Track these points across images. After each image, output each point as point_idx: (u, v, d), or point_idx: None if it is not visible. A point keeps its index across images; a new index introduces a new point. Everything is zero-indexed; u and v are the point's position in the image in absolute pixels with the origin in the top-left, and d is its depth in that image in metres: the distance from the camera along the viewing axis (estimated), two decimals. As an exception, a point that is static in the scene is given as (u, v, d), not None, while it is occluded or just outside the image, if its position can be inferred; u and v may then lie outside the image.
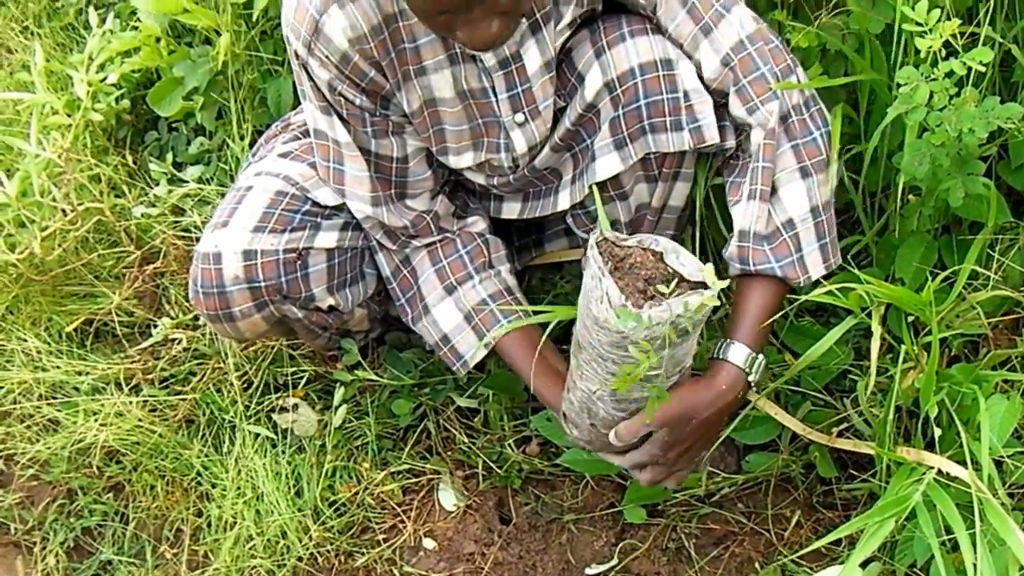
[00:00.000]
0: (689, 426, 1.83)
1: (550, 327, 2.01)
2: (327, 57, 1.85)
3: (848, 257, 2.17)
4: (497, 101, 1.95)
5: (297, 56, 1.88)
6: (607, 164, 1.94)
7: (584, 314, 1.67)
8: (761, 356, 1.86)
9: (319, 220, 2.07)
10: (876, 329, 1.74)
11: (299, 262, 2.04)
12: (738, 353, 1.84)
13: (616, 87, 1.88)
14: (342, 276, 2.14)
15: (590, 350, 1.69)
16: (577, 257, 2.20)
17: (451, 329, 2.11)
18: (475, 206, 2.22)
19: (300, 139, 2.17)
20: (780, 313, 1.95)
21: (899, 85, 1.73)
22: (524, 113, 1.96)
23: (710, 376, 1.85)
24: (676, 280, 1.62)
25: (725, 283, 1.57)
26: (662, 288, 1.61)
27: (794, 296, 1.94)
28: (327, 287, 2.11)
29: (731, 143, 1.94)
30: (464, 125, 1.99)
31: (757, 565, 2.13)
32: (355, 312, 2.22)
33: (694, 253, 2.06)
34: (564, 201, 2.07)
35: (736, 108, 1.89)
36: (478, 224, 2.18)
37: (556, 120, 1.99)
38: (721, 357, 1.85)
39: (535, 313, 2.07)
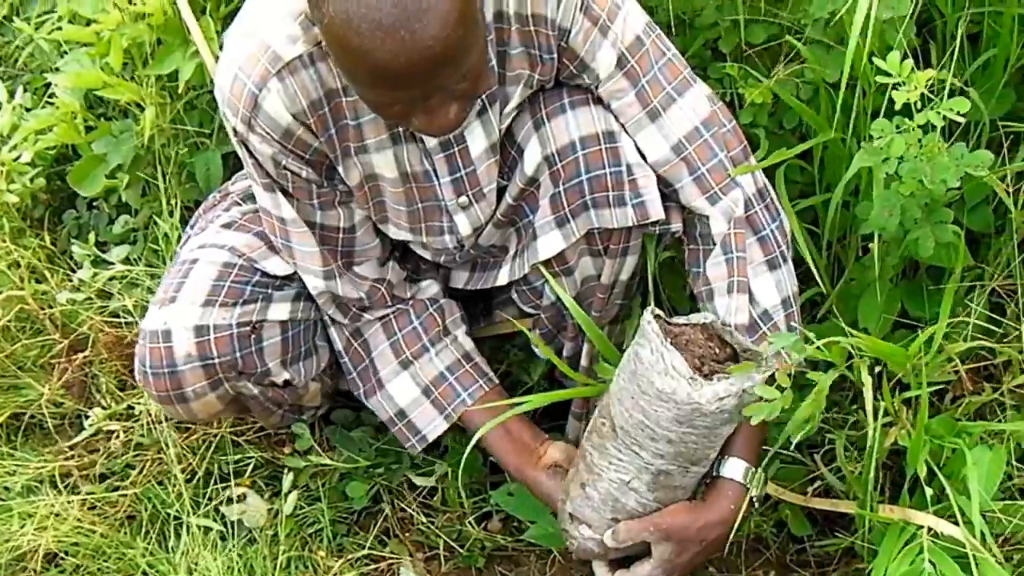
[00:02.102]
0: (698, 547, 1.79)
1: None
2: (268, 133, 1.76)
3: (808, 308, 2.13)
4: (439, 185, 1.88)
5: (236, 132, 1.79)
6: (549, 242, 1.86)
7: (636, 393, 1.64)
8: (759, 470, 1.81)
9: (270, 291, 1.99)
10: (868, 387, 1.68)
11: (253, 336, 1.96)
12: (736, 468, 1.79)
13: (556, 161, 1.81)
14: (296, 349, 2.05)
15: (636, 433, 1.67)
16: (526, 328, 2.13)
17: (408, 404, 2.03)
18: (426, 267, 2.15)
19: (241, 205, 2.09)
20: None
21: (870, 137, 1.68)
22: (468, 196, 1.89)
23: (716, 496, 1.80)
24: (731, 360, 1.68)
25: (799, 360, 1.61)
26: (716, 365, 1.66)
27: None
28: (281, 361, 2.02)
29: (677, 226, 1.88)
30: (403, 208, 1.91)
31: (733, 631, 2.07)
32: (309, 386, 2.13)
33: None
34: (504, 277, 2.01)
35: (694, 198, 1.84)
36: (431, 288, 2.10)
37: (500, 197, 1.93)
38: (720, 475, 1.80)
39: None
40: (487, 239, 1.98)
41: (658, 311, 1.68)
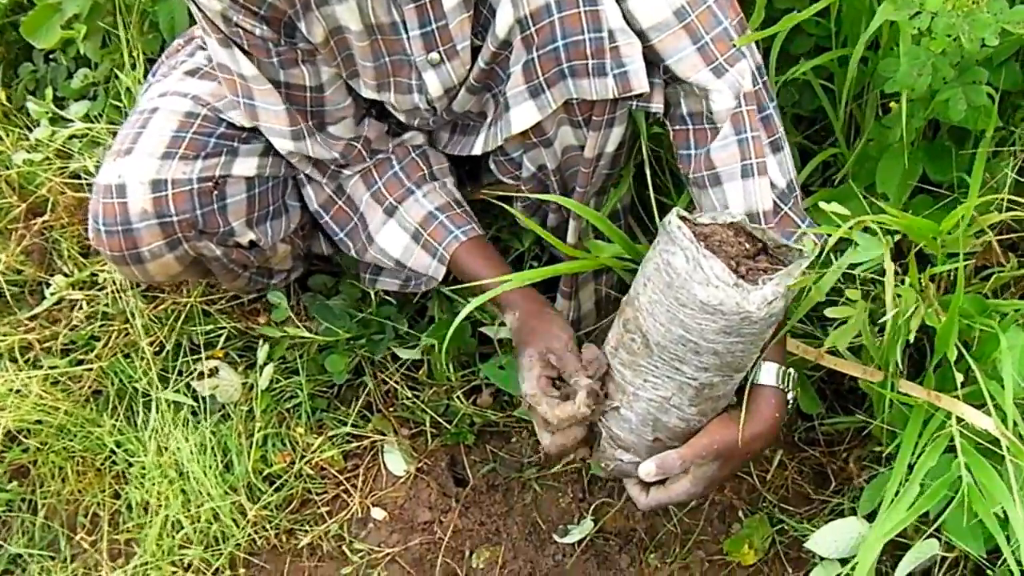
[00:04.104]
0: (739, 460, 1.62)
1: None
2: None
3: (821, 171, 1.99)
4: (408, 38, 1.69)
5: None
6: (522, 114, 1.68)
7: (673, 306, 1.48)
8: (792, 370, 1.65)
9: (236, 144, 1.84)
10: (890, 272, 1.53)
11: (215, 192, 1.82)
12: (770, 373, 1.62)
13: (529, 25, 1.61)
14: (263, 208, 1.91)
15: (676, 348, 1.52)
16: (512, 194, 1.97)
17: (401, 253, 1.89)
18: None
19: (207, 49, 1.90)
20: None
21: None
22: (439, 52, 1.71)
23: (756, 405, 1.62)
24: (761, 254, 1.55)
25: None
26: (749, 263, 1.52)
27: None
28: (247, 220, 1.89)
29: (657, 106, 1.69)
30: (370, 64, 1.74)
31: (741, 513, 1.97)
32: (277, 248, 1.99)
33: (647, 213, 1.90)
34: (479, 147, 1.84)
35: (696, 70, 1.63)
36: (416, 138, 1.96)
37: (474, 59, 1.75)
38: (758, 382, 1.63)
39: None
40: (461, 104, 1.81)
41: (683, 212, 1.52)
